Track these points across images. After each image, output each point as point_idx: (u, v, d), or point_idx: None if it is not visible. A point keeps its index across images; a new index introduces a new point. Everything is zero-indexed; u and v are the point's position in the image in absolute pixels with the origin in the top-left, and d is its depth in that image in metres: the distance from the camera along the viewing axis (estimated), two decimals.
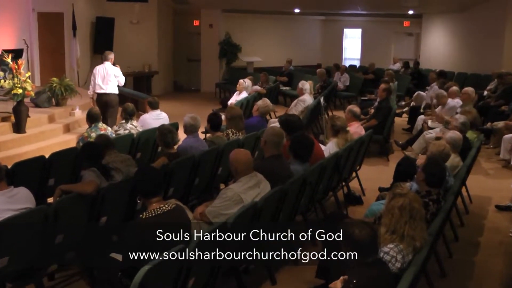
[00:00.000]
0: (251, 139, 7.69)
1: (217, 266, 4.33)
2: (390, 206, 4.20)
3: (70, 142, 10.21)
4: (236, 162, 5.11)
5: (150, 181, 4.28)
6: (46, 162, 6.36)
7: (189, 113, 7.27)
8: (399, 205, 4.15)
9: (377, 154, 10.45)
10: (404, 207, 4.13)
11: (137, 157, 7.77)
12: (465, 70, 17.61)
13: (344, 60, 24.13)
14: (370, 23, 23.33)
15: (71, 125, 11.31)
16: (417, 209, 4.16)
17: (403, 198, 4.18)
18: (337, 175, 6.99)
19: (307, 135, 6.46)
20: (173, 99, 17.94)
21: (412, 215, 4.12)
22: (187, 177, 6.37)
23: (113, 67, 10.78)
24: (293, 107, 10.84)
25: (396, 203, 4.17)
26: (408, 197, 4.18)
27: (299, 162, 5.94)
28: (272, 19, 22.19)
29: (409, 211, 4.13)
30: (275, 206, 5.16)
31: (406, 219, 4.11)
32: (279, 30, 22.55)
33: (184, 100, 18.05)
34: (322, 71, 15.43)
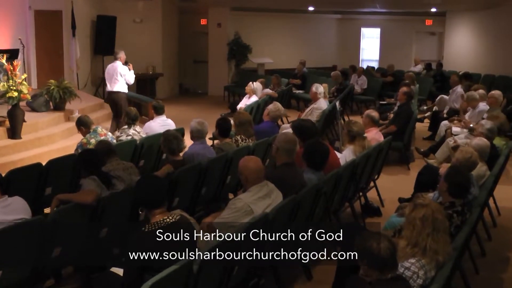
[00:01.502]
0: (261, 146, 7.68)
1: (225, 281, 4.33)
2: (411, 218, 4.18)
3: (68, 149, 10.23)
4: (245, 171, 5.10)
5: (153, 190, 4.28)
6: (43, 170, 6.38)
7: (195, 118, 7.27)
8: (421, 216, 4.12)
9: (397, 162, 10.41)
10: (427, 218, 4.11)
11: (140, 164, 7.78)
12: (492, 72, 17.55)
13: (362, 61, 24.12)
14: (390, 21, 23.31)
15: (69, 131, 11.35)
16: (440, 220, 4.14)
17: (425, 208, 4.16)
18: (354, 185, 6.97)
19: (321, 142, 6.44)
20: (178, 103, 17.98)
21: (435, 227, 4.10)
22: (193, 187, 6.37)
23: (122, 66, 11.36)
24: (308, 115, 10.80)
25: (418, 214, 4.15)
26: (430, 207, 4.15)
27: (313, 171, 5.92)
28: (285, 18, 22.22)
29: (432, 222, 4.10)
30: (287, 218, 5.15)
31: (428, 231, 4.08)
32: (292, 30, 22.57)
33: (190, 104, 18.09)
34: (337, 74, 15.41)
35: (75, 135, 11.24)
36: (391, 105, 13.19)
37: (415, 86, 13.98)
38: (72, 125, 11.56)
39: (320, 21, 23.60)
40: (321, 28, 23.70)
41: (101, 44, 16.79)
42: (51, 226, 4.66)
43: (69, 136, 11.24)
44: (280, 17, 22.08)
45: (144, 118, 13.33)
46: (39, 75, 15.02)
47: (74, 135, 11.25)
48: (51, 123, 11.45)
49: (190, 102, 18.60)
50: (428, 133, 12.67)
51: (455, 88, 13.29)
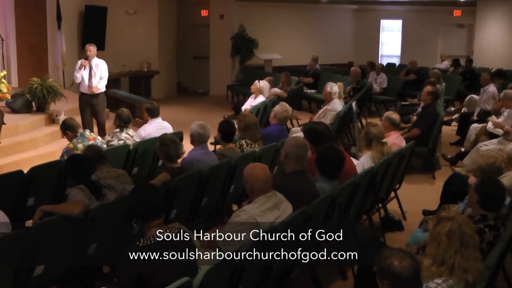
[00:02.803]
0: (269, 152, 7.69)
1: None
2: (436, 233, 4.16)
3: (53, 155, 10.25)
4: (251, 179, 5.10)
5: (148, 201, 4.29)
6: (25, 178, 6.40)
7: (196, 121, 7.29)
8: (447, 231, 4.11)
9: (421, 170, 10.39)
10: (453, 232, 4.09)
11: (134, 172, 7.80)
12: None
13: (381, 57, 24.12)
14: (413, 12, 23.30)
15: (54, 135, 11.36)
16: (469, 234, 4.12)
17: (451, 222, 4.14)
18: (372, 195, 6.96)
19: (336, 147, 6.44)
20: (176, 104, 18.00)
21: (463, 242, 4.08)
22: (193, 197, 6.37)
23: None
24: (322, 117, 10.81)
25: (443, 229, 4.13)
26: (456, 221, 4.14)
27: (327, 179, 5.92)
28: (295, 9, 22.24)
29: (459, 237, 4.08)
30: (298, 231, 5.14)
31: (456, 247, 4.06)
32: (304, 22, 22.58)
33: (190, 105, 18.11)
34: (357, 70, 15.37)
35: (60, 140, 11.23)
36: (414, 106, 13.17)
37: (441, 85, 13.97)
38: (57, 128, 11.54)
39: (334, 12, 23.61)
40: (336, 20, 23.70)
41: (90, 37, 16.68)
42: (33, 241, 4.67)
43: (53, 140, 11.25)
44: (290, 8, 22.10)
45: (138, 120, 13.35)
46: (20, 72, 15.01)
47: (59, 140, 11.24)
48: (34, 126, 11.47)
49: (189, 103, 18.61)
50: (456, 137, 12.64)
51: (487, 87, 13.26)
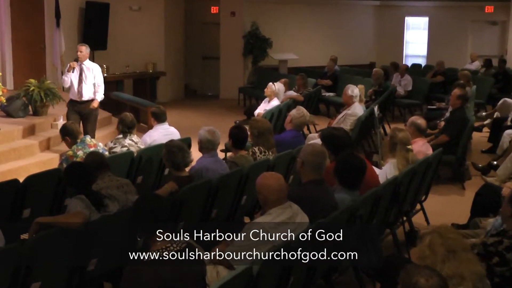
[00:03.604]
0: (284, 160, 7.68)
1: None
2: (419, 252, 4.14)
3: (51, 162, 10.30)
4: (264, 189, 5.10)
5: (154, 213, 4.29)
6: (20, 188, 6.41)
7: (205, 126, 7.29)
8: (428, 243, 4.10)
9: (449, 180, 10.36)
10: (435, 242, 4.08)
11: (138, 181, 7.80)
12: None
13: (406, 57, 24.06)
14: (440, 9, 23.25)
15: (52, 141, 11.41)
16: (453, 238, 4.10)
17: (430, 234, 4.14)
18: (396, 207, 6.94)
19: (356, 155, 6.43)
20: (184, 108, 18.05)
21: (449, 249, 4.06)
22: (201, 208, 6.38)
23: None
24: (341, 123, 10.80)
25: (424, 243, 4.13)
26: (436, 231, 4.13)
27: (346, 190, 5.91)
28: (312, 5, 22.25)
29: (443, 245, 4.06)
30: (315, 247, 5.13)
31: (442, 257, 4.03)
32: (321, 20, 22.58)
33: (199, 109, 18.15)
34: (379, 72, 15.35)
35: (59, 146, 11.30)
36: (442, 111, 13.13)
37: (471, 88, 13.91)
38: (56, 133, 11.62)
39: (355, 9, 23.60)
40: (357, 17, 23.68)
41: (91, 36, 16.83)
42: (28, 256, 4.67)
43: (51, 147, 11.30)
44: (307, 4, 22.11)
45: (142, 125, 13.38)
46: (16, 74, 15.08)
47: (57, 146, 11.32)
48: (30, 132, 11.51)
49: (198, 107, 18.66)
50: (488, 144, 12.60)
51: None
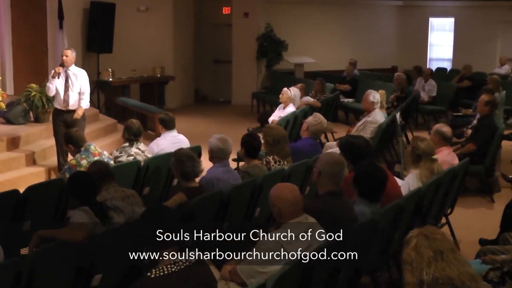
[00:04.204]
0: (300, 170, 7.68)
1: None
2: (405, 256, 4.12)
3: (53, 172, 10.33)
4: (279, 202, 5.10)
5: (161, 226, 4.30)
6: (20, 199, 6.43)
7: (216, 134, 7.30)
8: (413, 246, 4.07)
9: (477, 192, 10.32)
10: (420, 244, 4.05)
11: (145, 192, 7.82)
12: None
13: (430, 61, 24.04)
14: (467, 9, 23.21)
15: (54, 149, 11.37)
16: (439, 239, 4.07)
17: (415, 237, 4.11)
18: (420, 221, 6.91)
19: (377, 165, 6.42)
20: (194, 114, 18.09)
21: (435, 250, 4.02)
22: (212, 221, 6.37)
23: None
24: (361, 130, 10.79)
25: (410, 246, 4.10)
26: (421, 233, 4.10)
27: (366, 202, 5.90)
28: (330, 6, 22.27)
29: (430, 246, 4.02)
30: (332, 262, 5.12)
31: (429, 259, 4.00)
32: (340, 21, 22.60)
33: (209, 116, 18.18)
34: (402, 76, 15.32)
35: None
36: (469, 118, 13.08)
37: (501, 93, 13.87)
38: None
39: (376, 9, 23.60)
40: (377, 18, 23.68)
41: (96, 38, 16.94)
42: (29, 270, 4.68)
43: (53, 155, 11.30)
44: (324, 4, 22.14)
45: (149, 133, 13.41)
46: (16, 78, 15.15)
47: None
48: (31, 139, 11.55)
49: (208, 113, 18.69)
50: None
51: None
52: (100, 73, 17.05)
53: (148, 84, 18.41)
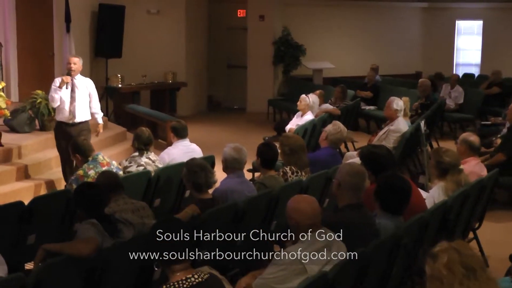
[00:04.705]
0: (318, 181, 7.68)
1: None
2: (436, 271, 4.10)
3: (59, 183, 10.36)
4: (296, 214, 5.10)
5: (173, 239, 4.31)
6: (25, 211, 6.46)
7: (230, 143, 7.31)
8: (445, 262, 4.05)
9: (507, 205, 10.28)
10: (453, 261, 4.03)
11: (155, 204, 7.83)
12: None
13: (456, 66, 23.96)
14: (496, 11, 23.14)
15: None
16: (471, 255, 4.05)
17: (447, 252, 4.09)
18: (446, 236, 6.90)
19: (400, 176, 6.41)
20: (207, 122, 18.12)
21: (467, 267, 4.00)
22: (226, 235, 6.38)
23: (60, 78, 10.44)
24: (383, 140, 10.78)
25: (441, 262, 4.08)
26: (453, 248, 4.08)
27: (389, 215, 5.89)
28: (350, 8, 22.26)
29: (462, 264, 4.01)
30: (353, 279, 5.12)
31: (461, 277, 3.99)
32: (360, 24, 22.56)
33: (223, 124, 18.21)
34: (426, 82, 15.29)
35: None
36: (498, 127, 13.05)
37: None
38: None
39: (399, 11, 23.56)
40: (401, 21, 23.64)
41: (105, 42, 16.99)
42: (34, 286, 4.70)
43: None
44: (344, 7, 22.13)
45: (160, 142, 13.44)
46: (21, 84, 15.21)
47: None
48: (37, 148, 11.60)
49: (222, 121, 18.72)
50: None
51: None
52: (109, 79, 17.11)
53: (159, 91, 18.44)
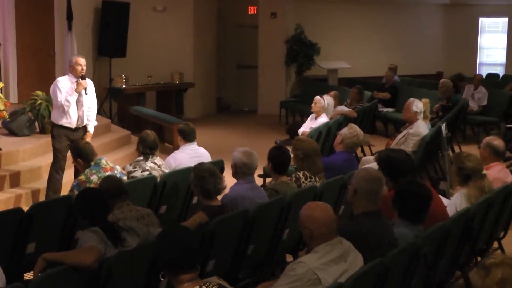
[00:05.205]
0: (333, 187, 7.69)
1: None
2: (486, 285, 4.09)
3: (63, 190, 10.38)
4: (310, 223, 5.09)
5: (180, 248, 4.31)
6: (24, 218, 6.46)
7: (240, 147, 7.31)
8: (499, 279, 4.04)
9: None
10: (506, 279, 4.02)
11: (161, 211, 7.84)
12: None
13: (480, 66, 23.93)
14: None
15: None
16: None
17: (502, 267, 4.07)
18: (469, 246, 6.89)
19: (420, 182, 6.40)
20: (216, 125, 18.15)
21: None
22: (236, 244, 6.38)
23: (64, 81, 10.15)
24: (401, 144, 10.77)
25: (494, 278, 4.07)
26: (507, 264, 4.07)
27: (408, 224, 5.88)
28: (367, 5, 22.25)
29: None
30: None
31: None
32: (378, 22, 22.55)
33: (233, 127, 18.23)
34: (447, 83, 15.28)
35: (69, 170, 11.39)
36: None
37: None
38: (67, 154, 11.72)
39: (419, 9, 23.54)
40: (421, 18, 23.62)
41: (108, 41, 17.02)
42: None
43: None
44: (360, 3, 22.12)
45: (167, 146, 13.45)
46: (20, 85, 15.25)
47: (68, 170, 11.40)
48: (37, 152, 11.62)
49: (232, 124, 18.74)
50: None
51: None
52: (113, 79, 17.14)
53: (165, 92, 18.47)
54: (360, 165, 9.27)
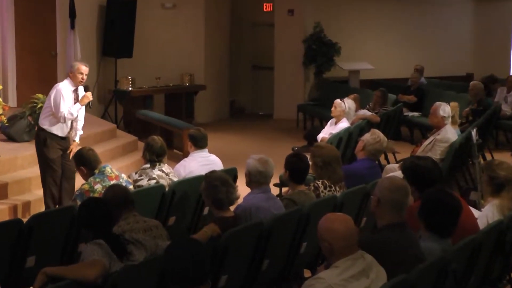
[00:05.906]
0: (355, 197, 7.68)
1: None
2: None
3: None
4: (329, 235, 5.09)
5: (190, 262, 4.32)
6: (24, 230, 6.48)
7: (255, 154, 7.31)
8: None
9: None
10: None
11: (170, 223, 7.85)
12: None
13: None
14: None
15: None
16: None
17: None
18: (501, 260, 6.87)
19: (448, 192, 6.39)
20: (228, 131, 18.17)
21: None
22: (250, 258, 6.38)
23: (66, 88, 10.01)
24: (428, 151, 10.76)
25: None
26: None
27: (436, 237, 5.87)
28: (391, 2, 22.24)
29: None
30: None
31: None
32: (403, 20, 22.57)
33: (247, 133, 18.25)
34: (478, 86, 15.25)
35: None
36: None
37: None
38: None
39: (447, 5, 23.51)
40: (449, 16, 23.60)
41: (114, 40, 17.06)
42: None
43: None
44: (384, 1, 22.09)
45: (176, 152, 13.47)
46: (20, 87, 15.29)
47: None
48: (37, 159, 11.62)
49: (246, 129, 18.77)
50: None
51: None
52: (118, 81, 17.18)
53: (174, 95, 18.50)
54: (383, 173, 9.26)
